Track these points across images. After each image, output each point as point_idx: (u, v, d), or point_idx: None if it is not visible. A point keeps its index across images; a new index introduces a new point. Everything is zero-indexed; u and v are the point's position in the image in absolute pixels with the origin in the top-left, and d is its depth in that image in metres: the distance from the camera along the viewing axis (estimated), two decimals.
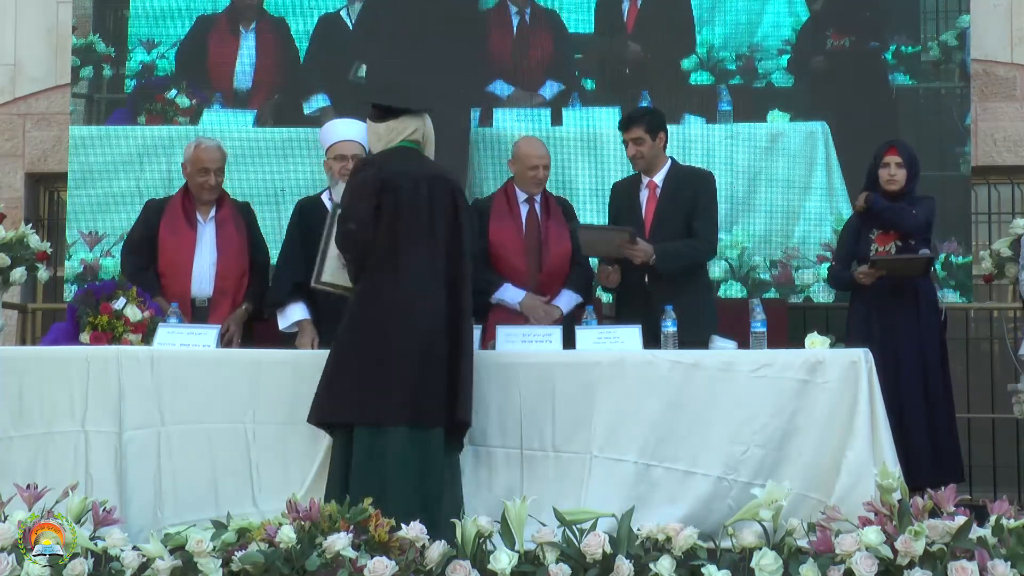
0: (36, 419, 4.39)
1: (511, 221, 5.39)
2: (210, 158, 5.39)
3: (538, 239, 5.37)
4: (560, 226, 5.41)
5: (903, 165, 5.40)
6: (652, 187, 5.34)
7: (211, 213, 5.43)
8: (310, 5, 7.05)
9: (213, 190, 5.40)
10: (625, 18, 6.93)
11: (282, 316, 5.31)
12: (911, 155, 5.45)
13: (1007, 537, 3.82)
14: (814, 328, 4.68)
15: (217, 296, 5.34)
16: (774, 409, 4.31)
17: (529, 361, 4.43)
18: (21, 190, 7.40)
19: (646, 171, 5.35)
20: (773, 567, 3.84)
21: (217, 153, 5.42)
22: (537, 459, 4.32)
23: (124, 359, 4.41)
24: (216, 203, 5.45)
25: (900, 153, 5.42)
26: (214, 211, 5.44)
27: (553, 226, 5.40)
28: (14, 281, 5.74)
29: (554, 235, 5.38)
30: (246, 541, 3.91)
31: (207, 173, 5.37)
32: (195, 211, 5.42)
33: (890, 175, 5.39)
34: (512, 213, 5.41)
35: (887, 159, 5.42)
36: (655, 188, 5.33)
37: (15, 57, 7.45)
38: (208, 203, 5.43)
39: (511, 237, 5.36)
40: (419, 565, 3.91)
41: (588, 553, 3.91)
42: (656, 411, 4.33)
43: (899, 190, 5.39)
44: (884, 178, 5.40)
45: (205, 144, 5.44)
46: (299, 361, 4.51)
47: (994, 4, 7.04)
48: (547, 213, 5.42)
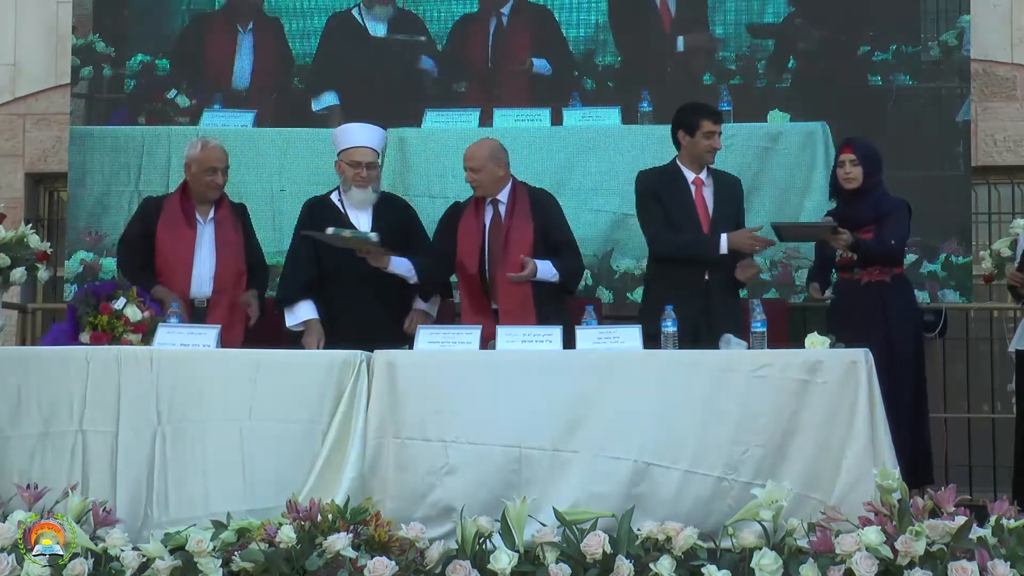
0: (35, 418, 4.38)
1: (474, 227, 5.42)
2: (217, 157, 5.41)
3: (500, 242, 5.37)
4: (524, 223, 5.39)
5: (858, 163, 5.41)
6: (698, 183, 5.38)
7: (210, 213, 5.43)
8: (309, 5, 7.05)
9: (218, 189, 5.41)
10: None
11: (290, 314, 5.34)
12: (867, 152, 5.44)
13: (1007, 537, 3.82)
14: (814, 328, 4.67)
15: (215, 296, 5.34)
16: (774, 409, 4.31)
17: (529, 361, 4.43)
18: (21, 190, 7.41)
19: (699, 167, 5.39)
20: (773, 567, 3.84)
21: (223, 152, 5.46)
22: (537, 458, 4.31)
23: (124, 359, 4.41)
24: (215, 203, 5.45)
25: (855, 151, 5.43)
26: (213, 211, 5.44)
27: (516, 225, 5.39)
28: (14, 281, 5.73)
29: (515, 236, 5.37)
30: (246, 541, 3.92)
31: (214, 172, 5.38)
32: (194, 211, 5.42)
33: (845, 173, 5.42)
34: (477, 218, 5.43)
35: (842, 157, 5.46)
36: (701, 185, 5.37)
37: (15, 57, 7.45)
38: (209, 203, 5.43)
39: (470, 243, 5.41)
40: (419, 565, 3.91)
41: (588, 553, 3.91)
42: (656, 411, 4.32)
43: (858, 188, 5.40)
44: (840, 176, 5.44)
45: (212, 143, 5.45)
46: (298, 361, 4.52)
47: (994, 4, 7.04)
48: (512, 213, 5.42)
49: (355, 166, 5.40)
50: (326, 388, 4.37)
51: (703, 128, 5.35)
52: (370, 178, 5.45)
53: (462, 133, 6.45)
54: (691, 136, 5.37)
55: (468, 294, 5.41)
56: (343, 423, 4.34)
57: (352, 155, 5.43)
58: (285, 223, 6.40)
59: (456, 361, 4.43)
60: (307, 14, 7.06)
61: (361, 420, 4.33)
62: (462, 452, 4.30)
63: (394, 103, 6.84)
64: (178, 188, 5.53)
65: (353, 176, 5.41)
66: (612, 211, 6.69)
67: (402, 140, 6.64)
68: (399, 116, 6.60)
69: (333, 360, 4.42)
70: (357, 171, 5.40)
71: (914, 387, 5.37)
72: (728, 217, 5.37)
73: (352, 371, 4.37)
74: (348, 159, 5.44)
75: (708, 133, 5.35)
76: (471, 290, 5.39)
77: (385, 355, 4.41)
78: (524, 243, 5.34)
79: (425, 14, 7.02)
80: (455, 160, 5.76)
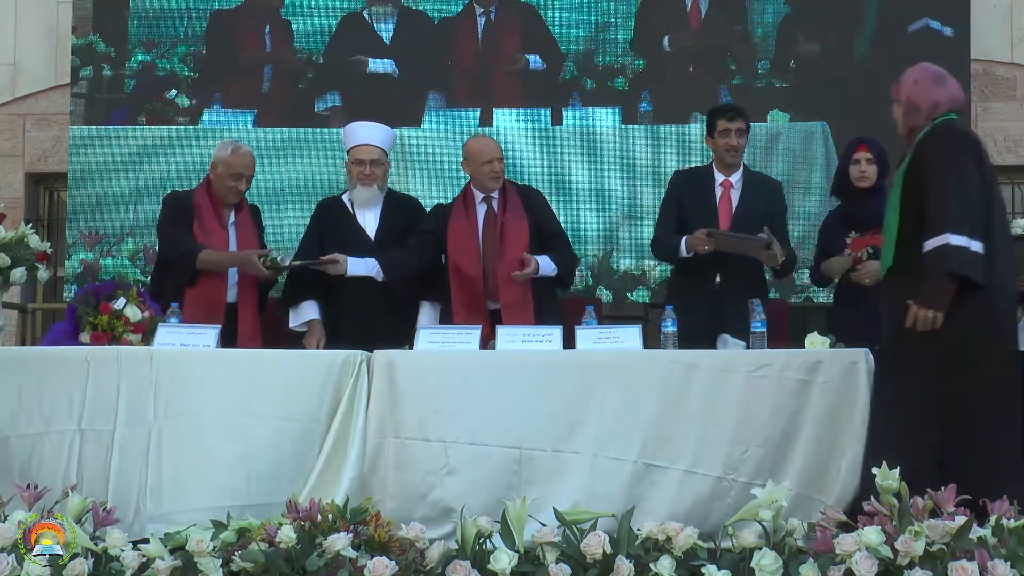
0: (35, 419, 4.38)
1: (467, 226, 5.38)
2: (245, 164, 5.42)
3: (496, 237, 5.36)
4: (518, 220, 5.38)
5: (873, 161, 5.40)
6: (727, 186, 5.37)
7: (231, 216, 5.45)
8: (311, 5, 7.05)
9: (239, 196, 5.43)
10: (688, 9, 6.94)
11: (294, 314, 5.35)
12: (880, 151, 5.43)
13: (1007, 537, 3.82)
14: (814, 328, 4.67)
15: (243, 297, 5.34)
16: (774, 409, 4.31)
17: (529, 361, 4.43)
18: (21, 190, 7.41)
19: (728, 168, 5.35)
20: (773, 567, 3.84)
21: (252, 160, 5.46)
22: (537, 459, 4.31)
23: (124, 359, 4.41)
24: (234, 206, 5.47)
25: (870, 149, 5.42)
26: (233, 215, 5.45)
27: (511, 221, 5.38)
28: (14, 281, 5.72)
29: (511, 232, 5.36)
30: (246, 541, 3.91)
31: (239, 179, 5.39)
32: (223, 212, 5.43)
33: (861, 171, 5.39)
34: (468, 217, 5.39)
35: (857, 155, 5.42)
36: (729, 188, 5.37)
37: (15, 57, 7.45)
38: (228, 206, 5.45)
39: (466, 242, 5.36)
40: (419, 565, 3.91)
41: (588, 553, 3.90)
42: (656, 411, 4.33)
43: (870, 186, 5.40)
44: (855, 175, 5.40)
45: (244, 150, 5.45)
46: (298, 361, 4.51)
47: (994, 4, 7.04)
48: (504, 210, 5.40)
49: (359, 164, 5.41)
50: (326, 388, 4.38)
51: (718, 127, 5.38)
52: (375, 176, 5.44)
53: (462, 133, 6.44)
54: (712, 138, 5.41)
55: (465, 294, 5.38)
56: (343, 423, 4.34)
57: (356, 153, 5.44)
58: (285, 223, 6.41)
59: (456, 361, 4.43)
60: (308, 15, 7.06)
61: (361, 420, 4.34)
62: (462, 452, 4.30)
63: (395, 103, 6.85)
64: (202, 187, 5.49)
65: (357, 174, 5.41)
66: (612, 211, 6.70)
67: (402, 140, 6.63)
68: (399, 116, 6.60)
69: (333, 360, 4.42)
70: (361, 169, 5.40)
71: None
72: (753, 220, 5.30)
73: (352, 371, 4.38)
74: (353, 157, 5.45)
75: (723, 131, 5.37)
76: (470, 290, 5.37)
77: (385, 355, 4.41)
78: (520, 239, 5.34)
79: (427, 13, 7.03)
80: (455, 160, 5.75)
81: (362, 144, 5.45)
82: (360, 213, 5.49)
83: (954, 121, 4.23)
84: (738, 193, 5.40)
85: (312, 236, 5.47)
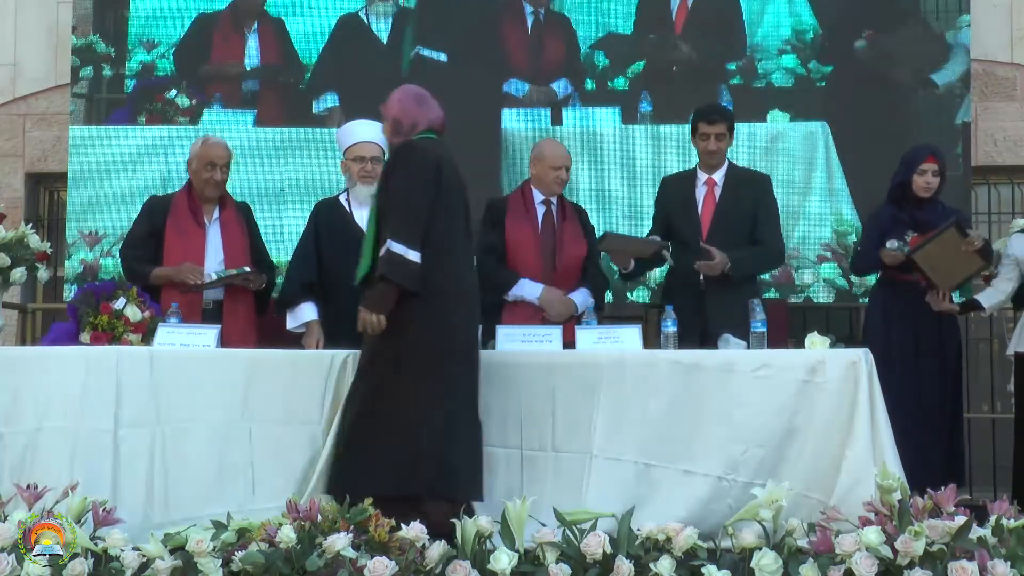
0: (29, 416, 4.34)
1: (527, 221, 5.36)
2: (217, 153, 5.38)
3: (553, 241, 5.35)
4: (576, 229, 5.38)
5: (939, 173, 5.41)
6: (711, 184, 5.36)
7: (215, 214, 5.41)
8: (309, 5, 7.06)
9: (218, 186, 5.36)
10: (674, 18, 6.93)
11: (292, 315, 5.33)
12: (944, 163, 5.47)
13: (1007, 537, 3.82)
14: (814, 328, 4.67)
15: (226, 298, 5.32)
16: (774, 409, 4.31)
17: (529, 361, 4.43)
18: (21, 190, 7.41)
19: (711, 168, 5.36)
20: (773, 567, 3.84)
21: (224, 150, 5.41)
22: (537, 459, 4.32)
23: (124, 359, 4.40)
24: (219, 204, 5.44)
25: (938, 161, 5.42)
26: (217, 212, 5.42)
27: (569, 228, 5.37)
28: (14, 281, 5.73)
29: (569, 238, 5.35)
30: (246, 541, 3.91)
31: (213, 168, 5.34)
32: (201, 211, 5.40)
33: (927, 183, 5.38)
34: (528, 214, 5.37)
35: (925, 167, 5.39)
36: (713, 186, 5.35)
37: (15, 57, 7.45)
38: (211, 201, 5.40)
39: (527, 237, 5.33)
40: (419, 565, 3.91)
41: (588, 553, 3.90)
42: (656, 411, 4.33)
43: (930, 197, 5.41)
44: (920, 185, 5.38)
45: (212, 140, 5.43)
46: (297, 361, 4.51)
47: (994, 4, 7.04)
48: (563, 216, 5.40)
49: (359, 161, 5.39)
50: (325, 388, 4.38)
51: (699, 131, 5.37)
52: (375, 173, 5.42)
53: None
54: (694, 140, 5.40)
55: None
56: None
57: (356, 151, 5.42)
58: (285, 223, 6.41)
59: None
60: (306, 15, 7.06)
61: None
62: None
63: None
64: (183, 188, 5.49)
65: (358, 172, 5.40)
66: (612, 211, 6.69)
67: None
68: None
69: (332, 360, 4.42)
70: (362, 166, 5.38)
71: (954, 389, 5.43)
72: (732, 216, 5.29)
73: (351, 371, 4.37)
74: (352, 155, 5.43)
75: (703, 136, 5.35)
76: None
77: None
78: (576, 260, 5.32)
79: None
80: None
81: (362, 142, 5.44)
82: (359, 212, 5.48)
83: (428, 140, 4.43)
84: (720, 190, 5.39)
85: (309, 237, 5.46)
